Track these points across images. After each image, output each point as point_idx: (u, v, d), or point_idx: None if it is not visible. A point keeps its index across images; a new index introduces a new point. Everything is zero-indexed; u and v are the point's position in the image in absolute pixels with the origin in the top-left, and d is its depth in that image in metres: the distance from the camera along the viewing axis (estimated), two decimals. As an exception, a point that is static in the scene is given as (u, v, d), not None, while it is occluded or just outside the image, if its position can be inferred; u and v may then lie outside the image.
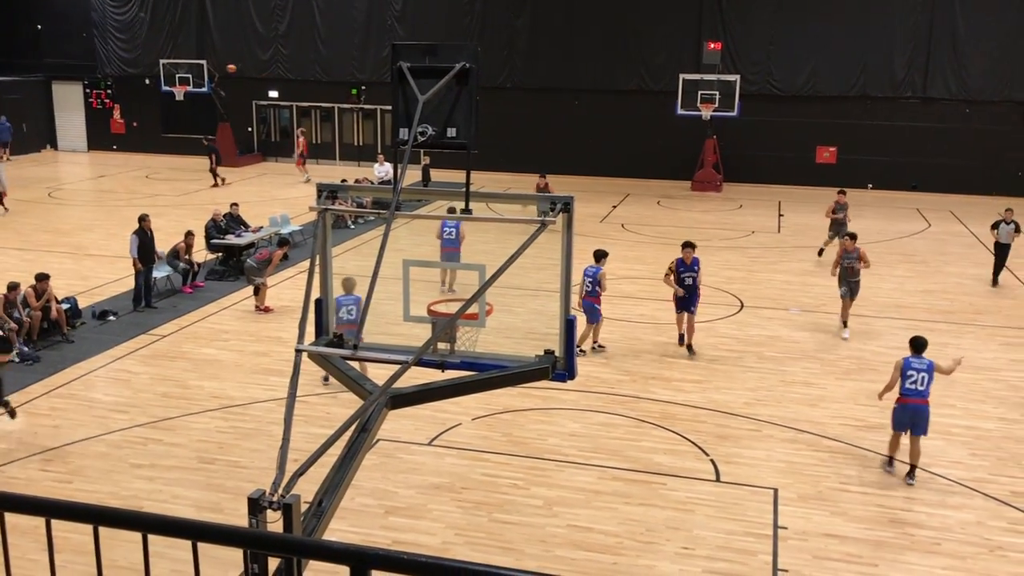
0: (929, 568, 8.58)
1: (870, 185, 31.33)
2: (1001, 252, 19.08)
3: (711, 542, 9.01)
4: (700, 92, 29.93)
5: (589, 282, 13.97)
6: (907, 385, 10.20)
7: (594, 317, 14.12)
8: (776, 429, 11.60)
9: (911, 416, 10.19)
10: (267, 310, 16.36)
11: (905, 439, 10.41)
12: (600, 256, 14.30)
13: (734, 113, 29.83)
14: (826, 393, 12.88)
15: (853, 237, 16.01)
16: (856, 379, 13.38)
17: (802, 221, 25.76)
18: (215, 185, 29.88)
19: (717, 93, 29.83)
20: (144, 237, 16.41)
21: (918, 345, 10.47)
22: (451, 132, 6.16)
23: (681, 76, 30.20)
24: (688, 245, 14.40)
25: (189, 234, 18.02)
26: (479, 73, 6.25)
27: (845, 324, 15.43)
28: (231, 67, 32.97)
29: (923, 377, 10.16)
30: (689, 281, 14.23)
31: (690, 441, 11.27)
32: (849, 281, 15.35)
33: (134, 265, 16.32)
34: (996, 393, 12.96)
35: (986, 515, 9.60)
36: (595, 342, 14.39)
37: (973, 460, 10.85)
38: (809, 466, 10.64)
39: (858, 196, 30.37)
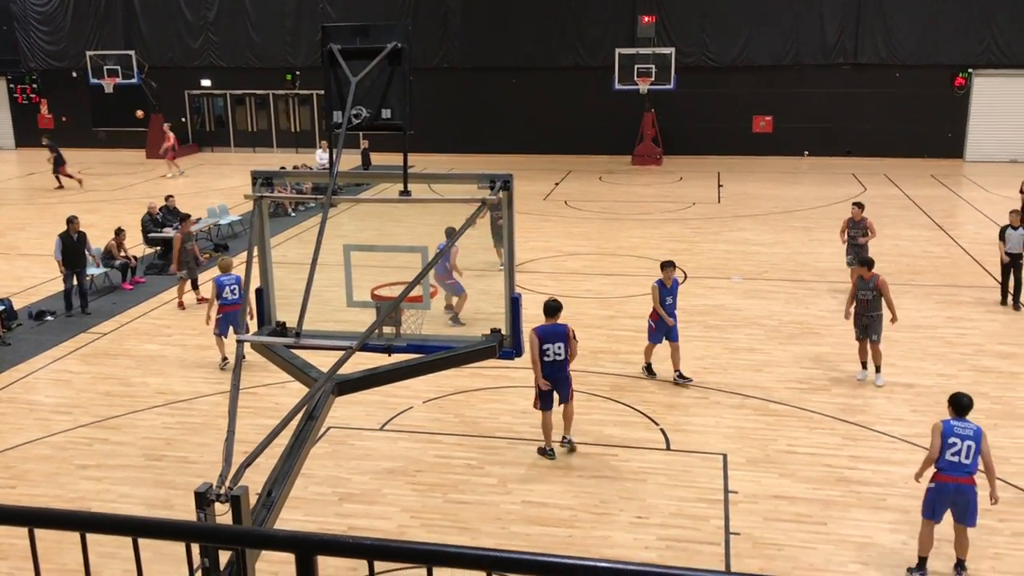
0: (876, 523, 8.80)
1: (806, 152, 31.84)
2: (1014, 265, 14.93)
3: (664, 510, 9.13)
4: (636, 66, 30.06)
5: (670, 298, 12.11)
6: (947, 456, 7.75)
7: (655, 337, 12.25)
8: (723, 396, 11.78)
9: (952, 498, 7.78)
10: (201, 300, 15.92)
11: (944, 528, 8.01)
12: (664, 267, 12.29)
13: (671, 86, 30.03)
14: (770, 358, 13.10)
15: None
16: (799, 343, 13.63)
17: (741, 190, 26.09)
18: (59, 187, 27.79)
19: (653, 67, 29.98)
20: (69, 240, 15.70)
21: (960, 405, 8.00)
22: (386, 113, 6.10)
23: (617, 51, 30.29)
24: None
25: (119, 232, 17.63)
26: (411, 53, 6.19)
27: (864, 365, 12.31)
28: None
29: (968, 447, 7.74)
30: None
31: (640, 412, 11.39)
32: (865, 316, 12.03)
33: (60, 268, 15.74)
34: (934, 350, 13.30)
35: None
36: (677, 371, 12.27)
37: (914, 416, 11.13)
38: (757, 430, 10.83)
39: (794, 163, 30.89)
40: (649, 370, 12.51)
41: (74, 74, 35.13)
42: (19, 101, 36.99)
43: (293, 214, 22.88)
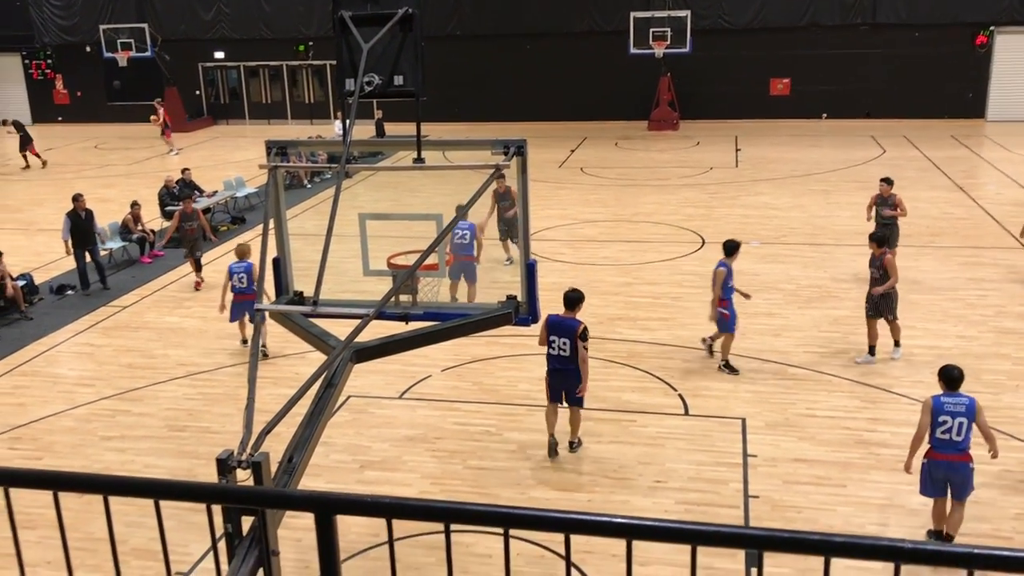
0: (895, 484, 8.79)
1: (824, 115, 31.49)
2: None
3: (683, 474, 9.16)
4: (652, 30, 29.75)
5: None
6: (938, 435, 7.54)
7: (726, 326, 11.43)
8: (742, 360, 11.75)
9: (945, 474, 7.63)
10: (197, 285, 15.72)
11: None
12: (731, 249, 11.54)
13: (686, 49, 29.72)
14: (788, 323, 13.05)
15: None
16: (817, 307, 13.57)
17: (759, 154, 25.87)
18: (26, 167, 27.68)
19: (669, 30, 29.67)
20: (77, 219, 15.56)
21: (951, 378, 7.74)
22: (398, 80, 6.07)
23: (632, 14, 29.97)
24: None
25: (134, 204, 17.68)
26: (423, 18, 6.15)
27: (872, 350, 11.65)
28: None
29: (960, 424, 7.49)
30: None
31: (658, 378, 11.39)
32: (875, 298, 11.44)
33: (66, 248, 15.64)
34: (955, 312, 13.21)
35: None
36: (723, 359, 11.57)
37: (933, 379, 10.96)
38: (775, 394, 10.81)
39: (813, 126, 30.58)
40: (730, 367, 11.37)
41: (88, 49, 35.14)
42: (34, 77, 37.08)
43: (309, 185, 22.90)
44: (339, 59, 6.13)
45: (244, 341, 12.89)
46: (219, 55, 35.40)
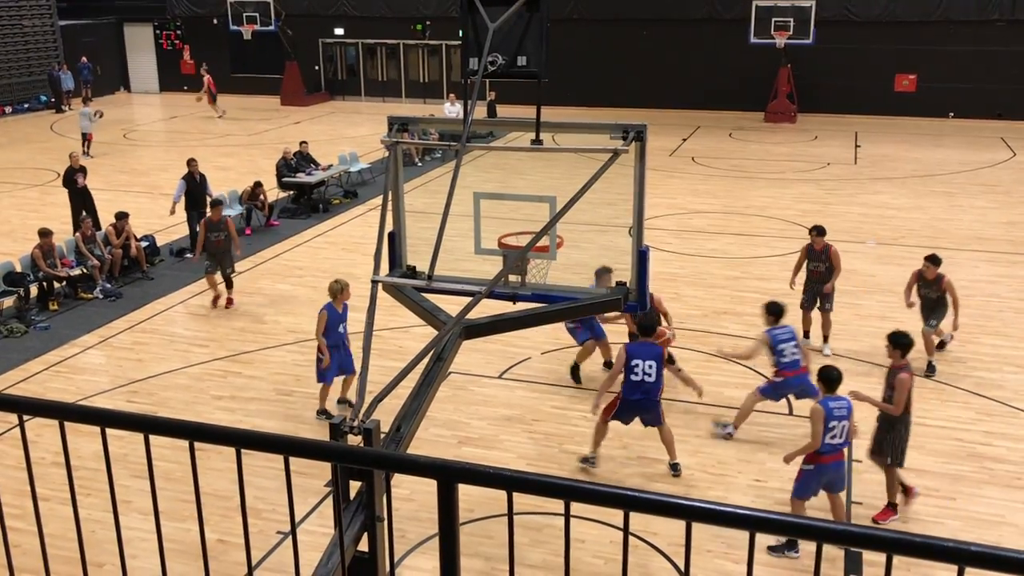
0: (1011, 502, 8.44)
1: (951, 114, 30.17)
2: None
3: (784, 474, 8.95)
4: (774, 19, 29.00)
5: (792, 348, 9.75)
6: (827, 440, 7.54)
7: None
8: (851, 363, 11.42)
9: (831, 476, 7.76)
10: (228, 302, 13.79)
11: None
12: (775, 313, 10.04)
13: (809, 40, 28.87)
14: (903, 327, 12.56)
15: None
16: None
17: (880, 152, 25.00)
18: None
19: (791, 20, 28.88)
20: (192, 181, 16.02)
21: (831, 380, 7.75)
22: (521, 61, 6.08)
23: (754, 3, 29.27)
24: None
25: (257, 185, 17.85)
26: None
27: (806, 335, 11.92)
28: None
29: (844, 427, 7.62)
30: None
31: (763, 375, 11.16)
32: (817, 286, 11.94)
33: (171, 208, 16.08)
34: (1083, 327, 12.55)
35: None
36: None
37: (1057, 394, 10.55)
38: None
39: (938, 125, 29.36)
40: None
41: (215, 21, 36.32)
42: (164, 47, 38.55)
43: (420, 163, 23.20)
44: (465, 38, 6.17)
45: (323, 412, 10.31)
46: (339, 31, 36.10)
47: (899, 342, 8.52)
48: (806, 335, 11.74)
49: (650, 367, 8.67)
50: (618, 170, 6.30)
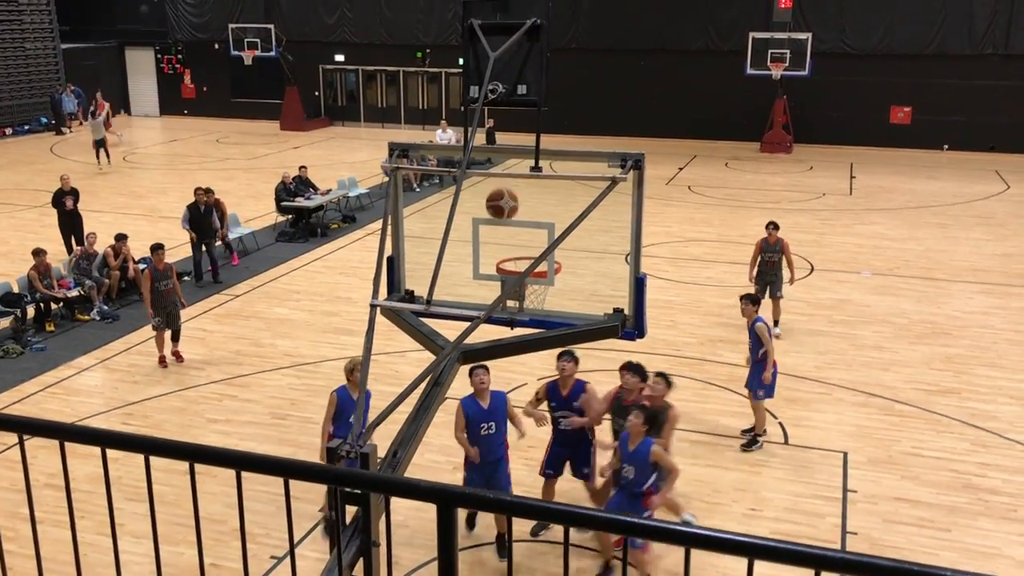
0: (1005, 534, 8.43)
1: (946, 146, 30.41)
2: None
3: (779, 504, 8.97)
4: (770, 51, 29.27)
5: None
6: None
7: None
8: (846, 393, 11.44)
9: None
10: (178, 357, 12.61)
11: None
12: (758, 303, 10.96)
13: (805, 72, 29.13)
14: (898, 357, 12.64)
15: (776, 227, 13.39)
16: (929, 343, 13.11)
17: (874, 183, 25.15)
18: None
19: (788, 52, 29.14)
20: (196, 211, 15.88)
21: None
22: (521, 89, 6.15)
23: (751, 35, 29.56)
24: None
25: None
26: (550, 29, 6.21)
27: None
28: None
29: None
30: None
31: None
32: (769, 275, 13.10)
33: (190, 237, 15.93)
34: (1078, 359, 12.58)
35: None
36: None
37: (1052, 426, 10.56)
38: (880, 430, 10.49)
39: (933, 157, 29.57)
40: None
41: (216, 46, 36.57)
42: (165, 71, 38.77)
43: (418, 189, 23.30)
44: (466, 66, 6.24)
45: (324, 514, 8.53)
46: (339, 58, 36.36)
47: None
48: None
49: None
50: (615, 198, 6.35)
